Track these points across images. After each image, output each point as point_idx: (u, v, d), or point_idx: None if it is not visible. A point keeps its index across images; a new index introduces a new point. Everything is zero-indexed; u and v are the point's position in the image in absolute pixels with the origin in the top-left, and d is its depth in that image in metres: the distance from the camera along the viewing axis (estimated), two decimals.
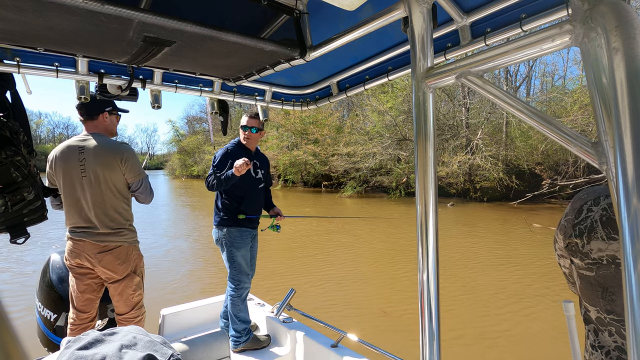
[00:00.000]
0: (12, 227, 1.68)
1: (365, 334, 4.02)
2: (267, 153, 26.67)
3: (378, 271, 6.57)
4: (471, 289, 5.55)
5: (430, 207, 0.81)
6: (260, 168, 2.86)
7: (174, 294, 5.39)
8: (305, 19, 1.21)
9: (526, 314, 4.60)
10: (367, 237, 9.37)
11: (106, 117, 2.30)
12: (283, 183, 27.62)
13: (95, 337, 0.91)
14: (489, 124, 18.80)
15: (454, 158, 17.89)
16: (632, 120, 0.47)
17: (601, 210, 0.76)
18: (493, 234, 9.79)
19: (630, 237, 0.46)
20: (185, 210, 15.55)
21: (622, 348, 0.75)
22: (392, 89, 19.92)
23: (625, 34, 0.49)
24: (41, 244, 8.53)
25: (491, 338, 4.04)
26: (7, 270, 6.56)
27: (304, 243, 8.81)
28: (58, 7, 0.84)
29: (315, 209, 15.69)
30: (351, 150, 21.30)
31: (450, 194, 18.43)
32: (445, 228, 10.60)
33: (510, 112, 0.69)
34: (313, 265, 6.89)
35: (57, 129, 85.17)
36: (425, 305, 0.81)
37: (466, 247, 8.24)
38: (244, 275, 2.69)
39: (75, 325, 2.25)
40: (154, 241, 9.03)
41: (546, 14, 1.07)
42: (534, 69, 22.85)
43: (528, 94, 22.35)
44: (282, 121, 26.37)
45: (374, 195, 20.67)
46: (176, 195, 23.32)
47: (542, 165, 16.85)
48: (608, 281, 0.75)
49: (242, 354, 2.61)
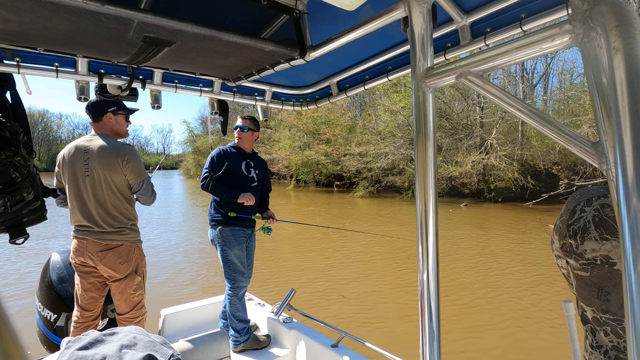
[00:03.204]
0: (11, 228, 1.68)
1: (364, 334, 4.03)
2: (280, 153, 26.86)
3: (382, 271, 6.58)
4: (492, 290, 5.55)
5: (430, 207, 0.82)
6: (254, 168, 2.87)
7: (174, 294, 5.39)
8: (305, 19, 1.21)
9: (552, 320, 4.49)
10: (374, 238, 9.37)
11: (110, 117, 2.32)
12: (295, 183, 27.71)
13: (96, 337, 0.91)
14: (504, 123, 18.47)
15: (468, 158, 17.62)
16: (632, 120, 0.47)
17: (594, 211, 0.76)
18: (508, 234, 9.65)
19: (630, 237, 0.46)
20: (196, 210, 15.47)
21: (619, 347, 0.75)
22: (405, 89, 19.78)
23: (624, 33, 0.49)
24: (41, 244, 8.53)
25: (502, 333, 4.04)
26: (7, 270, 6.56)
27: (306, 242, 8.82)
28: (58, 7, 0.84)
29: (327, 209, 15.60)
30: (363, 150, 21.25)
31: (463, 194, 18.22)
32: (459, 229, 10.49)
33: (511, 112, 0.69)
34: (313, 265, 6.89)
35: (77, 130, 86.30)
36: (425, 305, 0.81)
37: (481, 247, 8.23)
38: (238, 274, 2.70)
39: (79, 324, 2.27)
40: (155, 240, 9.03)
41: (546, 14, 1.07)
42: (551, 67, 22.41)
43: (545, 92, 21.96)
44: (294, 121, 26.50)
45: (386, 195, 20.57)
46: (190, 195, 23.32)
47: (560, 165, 16.52)
48: (603, 281, 0.75)
49: (242, 354, 2.61)
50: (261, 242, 5.09)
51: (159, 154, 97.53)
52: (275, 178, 33.20)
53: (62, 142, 75.31)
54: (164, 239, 9.41)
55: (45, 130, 78.15)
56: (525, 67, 20.72)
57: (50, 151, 70.52)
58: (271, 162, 27.61)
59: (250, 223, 2.84)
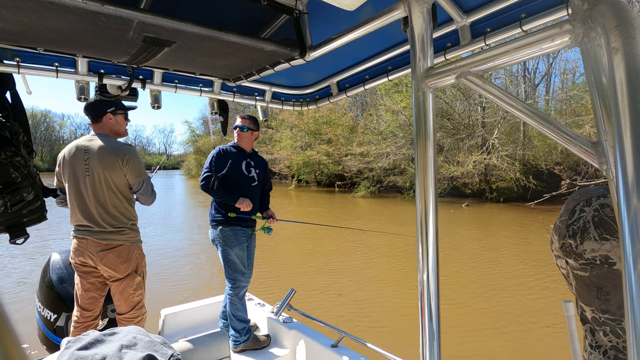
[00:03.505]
0: (11, 228, 1.68)
1: (364, 334, 4.02)
2: (281, 153, 26.85)
3: (383, 270, 6.58)
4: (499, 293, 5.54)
5: (430, 207, 0.81)
6: (255, 168, 2.87)
7: (174, 294, 5.39)
8: (305, 19, 1.21)
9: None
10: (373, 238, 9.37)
11: (110, 118, 2.32)
12: (297, 183, 27.70)
13: (96, 337, 0.91)
14: (505, 123, 18.35)
15: (469, 158, 17.53)
16: (632, 120, 0.47)
17: (593, 211, 0.76)
18: (510, 235, 9.61)
19: (630, 237, 0.46)
20: (198, 210, 15.46)
21: (618, 347, 0.75)
22: (406, 88, 19.72)
23: (624, 33, 0.49)
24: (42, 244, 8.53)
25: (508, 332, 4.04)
26: (7, 270, 6.56)
27: (306, 243, 8.81)
28: (58, 7, 0.84)
29: (328, 208, 15.61)
30: (364, 150, 21.23)
31: (465, 194, 18.15)
32: (460, 228, 10.46)
33: (511, 113, 0.69)
34: (313, 265, 6.89)
35: (79, 130, 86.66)
36: (425, 305, 0.81)
37: (484, 249, 8.23)
38: (239, 274, 2.70)
39: (79, 324, 2.27)
40: (156, 239, 9.03)
41: (546, 14, 1.07)
42: (554, 66, 22.17)
43: (547, 92, 21.75)
44: (295, 121, 26.50)
45: (388, 195, 20.55)
46: (191, 194, 23.33)
47: (562, 165, 16.36)
48: (602, 281, 0.75)
49: (242, 354, 2.61)
50: (261, 242, 5.09)
51: (161, 154, 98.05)
52: (277, 178, 33.22)
53: (64, 142, 75.58)
54: (165, 239, 9.41)
55: (47, 131, 78.42)
56: (527, 66, 20.58)
57: (52, 151, 70.62)
58: (273, 162, 27.62)
59: (251, 223, 2.84)
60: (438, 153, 19.01)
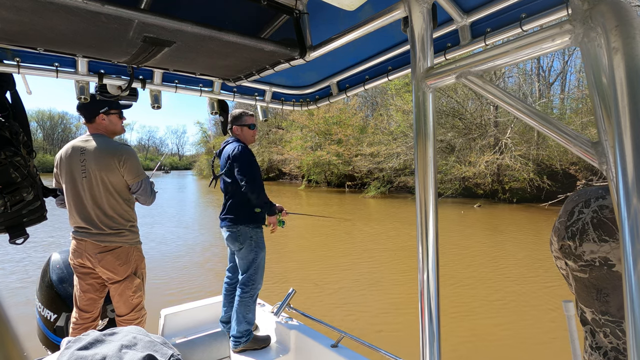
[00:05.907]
0: (11, 228, 1.68)
1: (364, 333, 4.02)
2: (291, 154, 27.10)
3: (385, 270, 6.57)
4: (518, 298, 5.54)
5: (430, 207, 0.82)
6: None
7: (174, 294, 5.39)
8: (305, 19, 1.21)
9: None
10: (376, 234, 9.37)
11: (103, 118, 2.28)
12: (307, 183, 27.73)
13: (96, 337, 0.91)
14: (519, 122, 17.70)
15: (481, 158, 17.28)
16: (632, 120, 0.47)
17: (592, 212, 0.76)
18: (525, 237, 9.49)
19: (630, 238, 0.46)
20: (210, 211, 15.39)
21: (618, 349, 0.75)
22: None
23: (625, 33, 0.49)
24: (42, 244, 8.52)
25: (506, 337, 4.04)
26: (8, 270, 6.56)
27: (308, 242, 8.81)
28: (58, 7, 0.84)
29: (338, 209, 15.53)
30: (375, 151, 21.18)
31: (477, 194, 17.95)
32: (473, 230, 10.34)
33: (511, 113, 0.69)
34: (314, 265, 6.89)
35: None
36: (425, 305, 0.81)
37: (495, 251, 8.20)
38: (259, 277, 2.69)
39: (77, 325, 2.25)
40: (160, 239, 9.03)
41: (546, 14, 1.07)
42: (569, 64, 21.77)
43: (562, 90, 21.42)
44: (306, 122, 26.54)
45: (398, 196, 20.44)
46: (203, 194, 23.31)
47: (577, 165, 16.07)
48: (601, 282, 0.75)
49: (242, 354, 2.61)
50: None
51: (173, 155, 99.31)
52: (287, 178, 33.19)
53: None
54: (170, 238, 9.41)
55: (64, 132, 79.53)
56: (542, 65, 20.23)
57: None
58: (283, 162, 27.55)
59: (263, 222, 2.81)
60: (449, 153, 18.88)
